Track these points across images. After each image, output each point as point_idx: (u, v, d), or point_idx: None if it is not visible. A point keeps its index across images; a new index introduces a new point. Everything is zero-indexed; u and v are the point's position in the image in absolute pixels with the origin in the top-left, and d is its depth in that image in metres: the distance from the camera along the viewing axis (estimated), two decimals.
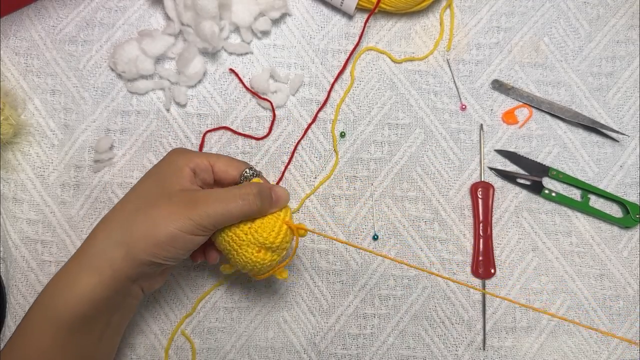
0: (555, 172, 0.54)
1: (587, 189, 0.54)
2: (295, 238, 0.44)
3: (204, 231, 0.40)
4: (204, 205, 0.40)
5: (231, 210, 0.40)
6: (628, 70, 0.57)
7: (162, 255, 0.39)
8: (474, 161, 0.55)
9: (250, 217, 0.41)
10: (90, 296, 0.38)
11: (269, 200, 0.42)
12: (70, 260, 0.40)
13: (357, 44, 0.55)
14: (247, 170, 0.44)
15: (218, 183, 0.45)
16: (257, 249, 0.42)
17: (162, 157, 0.45)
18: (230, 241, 0.42)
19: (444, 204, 0.54)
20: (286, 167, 0.54)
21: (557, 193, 0.54)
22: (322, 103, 0.55)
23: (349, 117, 0.55)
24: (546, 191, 0.54)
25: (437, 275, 0.43)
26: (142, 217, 0.40)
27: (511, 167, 0.55)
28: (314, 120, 0.55)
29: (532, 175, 0.54)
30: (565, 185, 0.55)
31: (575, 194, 0.55)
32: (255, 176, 0.44)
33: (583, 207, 0.54)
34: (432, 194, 0.54)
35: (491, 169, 0.55)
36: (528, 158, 0.54)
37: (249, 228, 0.42)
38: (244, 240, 0.42)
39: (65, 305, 0.38)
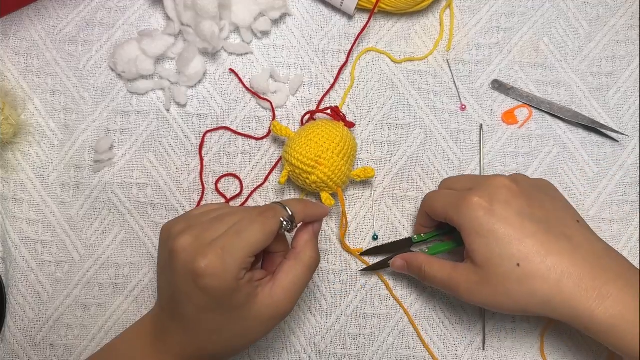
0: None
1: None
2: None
3: None
4: (291, 300, 0.41)
5: (310, 277, 0.42)
6: (628, 70, 0.57)
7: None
8: (474, 161, 0.55)
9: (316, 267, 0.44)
10: None
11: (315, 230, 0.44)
12: None
13: (354, 45, 0.55)
14: (284, 224, 0.41)
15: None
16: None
17: (188, 271, 0.38)
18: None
19: None
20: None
21: None
22: (318, 102, 0.55)
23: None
24: None
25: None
26: (246, 341, 0.41)
27: (511, 167, 0.55)
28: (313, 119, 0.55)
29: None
30: None
31: None
32: (293, 222, 0.42)
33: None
34: None
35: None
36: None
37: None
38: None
39: None
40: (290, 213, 0.41)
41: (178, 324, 0.40)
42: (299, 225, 0.44)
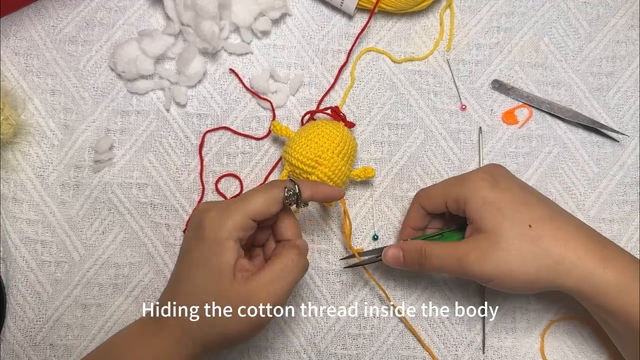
0: None
1: None
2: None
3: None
4: (269, 297, 0.40)
5: (293, 283, 0.41)
6: (628, 70, 0.57)
7: (235, 343, 0.44)
8: (474, 161, 0.55)
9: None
10: None
11: (305, 256, 0.43)
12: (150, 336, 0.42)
13: (354, 44, 0.55)
14: (288, 195, 0.42)
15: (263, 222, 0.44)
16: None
17: (196, 225, 0.41)
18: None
19: None
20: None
21: None
22: (318, 102, 0.55)
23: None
24: None
25: None
26: (213, 325, 0.40)
27: (511, 167, 0.55)
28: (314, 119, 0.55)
29: None
30: None
31: None
32: (298, 195, 0.42)
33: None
34: None
35: None
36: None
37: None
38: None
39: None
40: (297, 186, 0.42)
41: (174, 296, 0.41)
42: (308, 205, 0.45)
